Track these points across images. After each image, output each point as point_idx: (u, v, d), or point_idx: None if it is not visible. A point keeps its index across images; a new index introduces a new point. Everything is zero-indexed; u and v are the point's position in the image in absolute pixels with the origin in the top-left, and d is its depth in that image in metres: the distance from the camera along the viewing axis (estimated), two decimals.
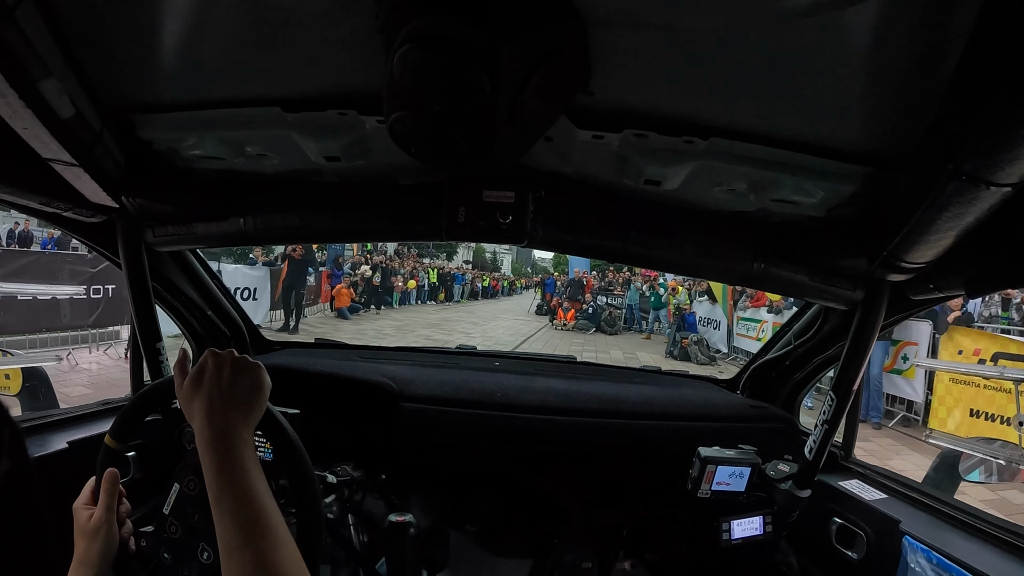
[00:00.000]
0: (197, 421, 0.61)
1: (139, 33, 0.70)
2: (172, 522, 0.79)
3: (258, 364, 0.66)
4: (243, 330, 1.56)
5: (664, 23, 0.60)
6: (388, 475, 1.19)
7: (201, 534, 0.77)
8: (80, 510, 0.71)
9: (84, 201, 0.95)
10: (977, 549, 0.95)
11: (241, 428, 0.61)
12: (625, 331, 12.99)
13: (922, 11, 0.54)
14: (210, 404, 0.61)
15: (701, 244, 0.99)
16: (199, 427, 0.60)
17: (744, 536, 1.19)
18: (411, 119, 0.63)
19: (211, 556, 0.76)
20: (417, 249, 20.42)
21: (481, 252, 42.16)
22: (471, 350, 1.92)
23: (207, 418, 0.60)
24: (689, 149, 0.81)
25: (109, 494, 0.71)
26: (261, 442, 1.02)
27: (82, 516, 0.71)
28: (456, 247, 33.97)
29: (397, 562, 0.94)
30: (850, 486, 1.20)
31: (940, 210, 0.65)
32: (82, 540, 0.69)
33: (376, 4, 0.61)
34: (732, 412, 1.30)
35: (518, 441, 1.17)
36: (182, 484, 0.80)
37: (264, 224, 1.05)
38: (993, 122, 0.52)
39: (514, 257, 49.98)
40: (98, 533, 0.69)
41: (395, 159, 0.91)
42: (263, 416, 0.69)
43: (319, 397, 1.18)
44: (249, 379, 0.65)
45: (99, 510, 0.70)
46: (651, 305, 12.05)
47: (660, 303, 11.62)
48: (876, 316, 0.98)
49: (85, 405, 1.23)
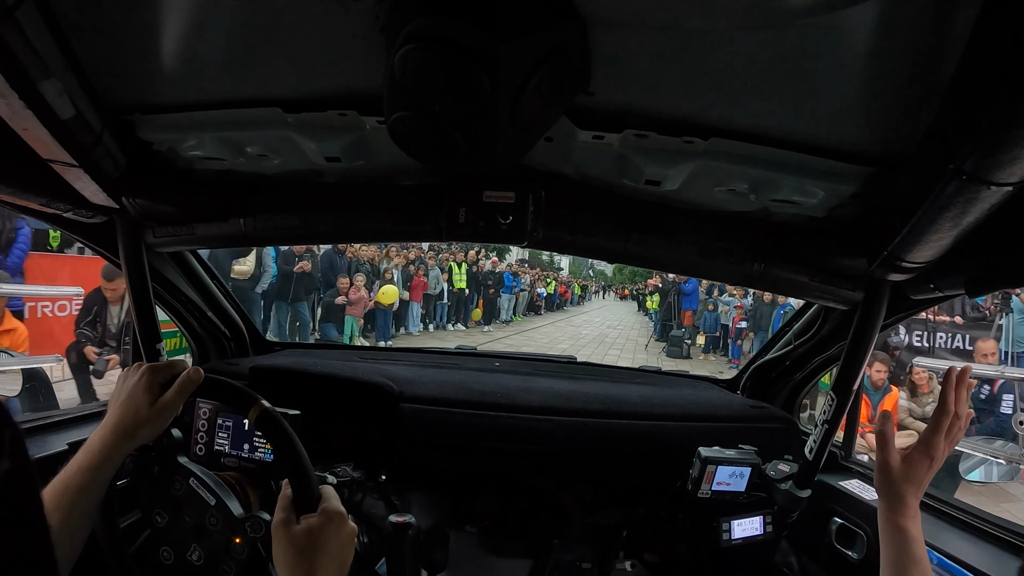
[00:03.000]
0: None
1: (139, 33, 0.70)
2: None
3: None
4: (243, 331, 1.56)
5: (665, 24, 0.60)
6: (388, 476, 1.19)
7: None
8: (139, 377, 0.70)
9: (84, 202, 0.95)
10: (977, 549, 0.95)
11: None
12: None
13: (922, 11, 0.54)
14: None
15: (701, 244, 0.99)
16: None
17: (744, 536, 1.19)
18: (411, 119, 0.63)
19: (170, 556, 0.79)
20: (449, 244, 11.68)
21: (537, 253, 29.90)
22: (471, 350, 1.92)
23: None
24: (689, 149, 0.81)
25: (184, 386, 0.70)
26: (261, 442, 1.02)
27: (142, 384, 0.69)
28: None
29: (397, 563, 0.94)
30: (850, 486, 1.21)
31: (940, 210, 0.65)
32: (134, 406, 0.68)
33: (376, 4, 0.61)
34: (732, 412, 1.30)
35: (518, 441, 1.17)
36: (151, 516, 0.81)
37: (264, 225, 1.05)
38: (993, 122, 0.52)
39: (572, 260, 43.02)
40: (160, 412, 0.69)
41: (395, 159, 0.91)
42: (263, 416, 0.69)
43: (319, 398, 1.18)
44: (349, 553, 0.65)
45: (174, 394, 0.70)
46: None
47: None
48: (876, 316, 0.98)
49: (85, 406, 1.23)
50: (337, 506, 0.66)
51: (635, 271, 45.92)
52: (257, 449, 1.02)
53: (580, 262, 45.63)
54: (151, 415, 0.69)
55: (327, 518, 0.64)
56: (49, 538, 0.27)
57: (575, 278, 32.49)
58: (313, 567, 0.61)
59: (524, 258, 16.16)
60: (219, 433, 1.05)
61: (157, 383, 0.71)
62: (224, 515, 0.78)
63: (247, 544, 0.76)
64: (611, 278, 53.78)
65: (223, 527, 0.78)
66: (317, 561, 0.61)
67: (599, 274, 50.54)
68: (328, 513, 0.65)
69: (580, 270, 44.92)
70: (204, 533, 0.79)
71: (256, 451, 1.02)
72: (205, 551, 0.78)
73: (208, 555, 0.78)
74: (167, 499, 0.81)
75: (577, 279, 33.16)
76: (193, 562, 0.78)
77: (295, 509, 0.65)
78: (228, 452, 1.04)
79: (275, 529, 0.64)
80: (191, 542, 0.79)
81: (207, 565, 0.78)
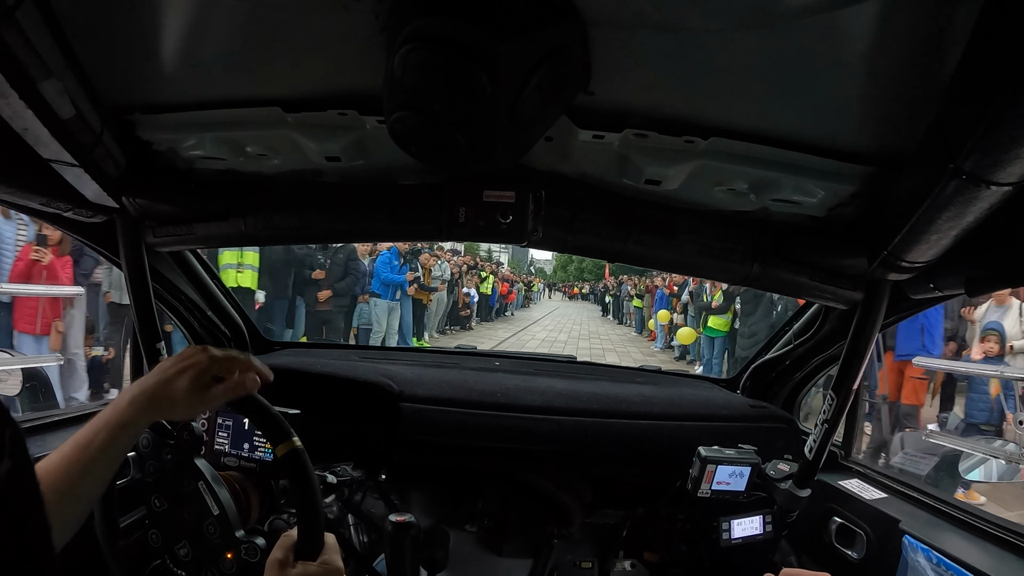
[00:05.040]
0: None
1: (140, 33, 0.70)
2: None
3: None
4: (243, 330, 1.56)
5: (665, 23, 0.60)
6: (388, 475, 1.19)
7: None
8: (195, 360, 0.65)
9: (84, 202, 0.95)
10: (977, 548, 0.95)
11: None
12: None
13: (922, 11, 0.54)
14: None
15: (701, 244, 0.99)
16: None
17: (744, 536, 1.19)
18: (411, 119, 0.63)
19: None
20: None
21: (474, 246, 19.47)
22: (471, 350, 1.93)
23: None
24: (690, 149, 0.81)
25: (235, 391, 0.66)
26: (261, 442, 1.02)
27: (195, 369, 0.64)
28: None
29: (397, 562, 0.94)
30: (850, 485, 1.21)
31: (940, 209, 0.65)
32: (175, 384, 0.63)
33: (376, 4, 0.61)
34: (732, 412, 1.30)
35: (518, 441, 1.17)
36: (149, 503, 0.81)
37: (264, 224, 1.05)
38: (993, 122, 0.52)
39: (511, 255, 37.45)
40: (196, 401, 0.64)
41: (395, 159, 0.91)
42: (293, 454, 0.67)
43: (319, 397, 1.18)
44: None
45: (220, 394, 0.65)
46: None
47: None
48: (876, 315, 0.98)
49: (85, 405, 1.23)
50: (337, 561, 0.64)
51: (582, 268, 43.18)
52: (257, 449, 1.02)
53: (520, 256, 40.33)
54: (187, 400, 0.64)
55: (325, 572, 0.62)
56: (49, 536, 0.27)
57: (516, 274, 25.20)
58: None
59: (457, 248, 11.66)
60: (219, 432, 1.05)
61: (211, 373, 0.66)
62: (223, 528, 0.78)
63: (237, 564, 0.76)
64: (551, 276, 49.39)
65: (219, 539, 0.78)
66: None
67: (538, 271, 46.10)
68: (327, 566, 0.63)
69: (520, 266, 39.08)
70: (199, 536, 0.79)
71: (256, 450, 1.02)
72: (195, 552, 0.78)
73: (196, 557, 0.78)
74: (172, 490, 0.81)
75: (519, 275, 26.60)
76: (180, 556, 0.78)
77: (295, 552, 0.63)
78: (228, 451, 1.04)
79: (269, 567, 0.62)
80: (183, 538, 0.79)
81: (192, 566, 0.78)
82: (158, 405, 0.64)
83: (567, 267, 45.67)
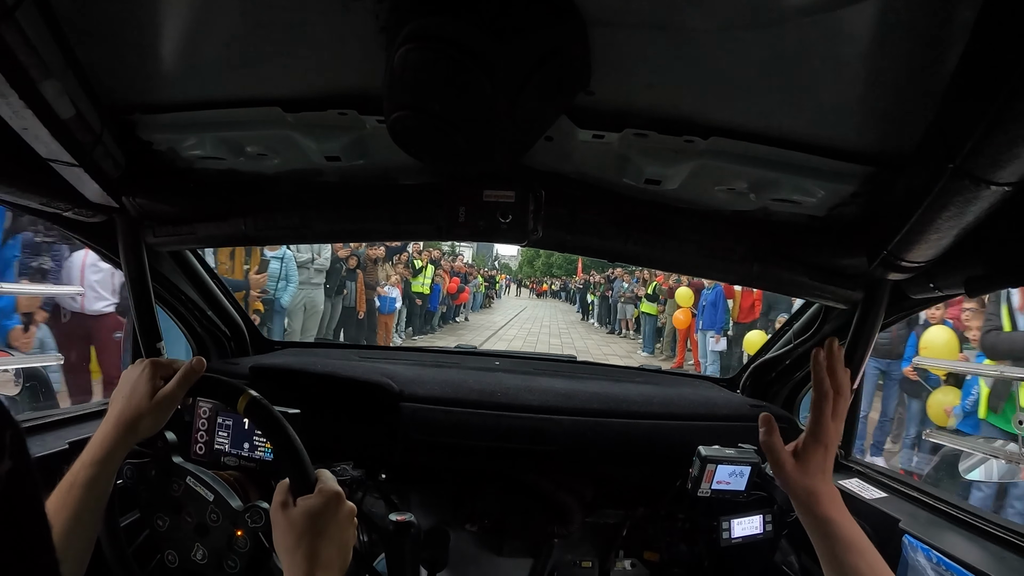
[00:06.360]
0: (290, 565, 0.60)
1: (139, 33, 0.70)
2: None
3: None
4: (243, 330, 1.56)
5: (665, 23, 0.60)
6: (388, 474, 1.19)
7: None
8: (142, 370, 0.71)
9: (84, 201, 0.95)
10: (977, 548, 0.95)
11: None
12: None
13: (922, 11, 0.54)
14: (320, 561, 0.60)
15: (701, 244, 0.99)
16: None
17: (744, 535, 1.19)
18: (411, 119, 0.63)
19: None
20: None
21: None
22: (471, 349, 1.93)
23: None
24: (689, 148, 0.81)
25: (187, 377, 0.71)
26: (261, 442, 1.02)
27: (143, 377, 0.70)
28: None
29: (397, 562, 0.94)
30: (850, 485, 1.20)
31: (940, 209, 0.65)
32: (135, 399, 0.69)
33: (376, 4, 0.61)
34: (732, 411, 1.30)
35: (519, 441, 1.17)
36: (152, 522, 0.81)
37: (264, 224, 1.05)
38: (993, 122, 0.52)
39: (475, 250, 33.81)
40: (161, 405, 0.69)
41: (395, 159, 0.91)
42: (251, 405, 0.70)
43: (319, 397, 1.18)
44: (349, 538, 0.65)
45: (174, 385, 0.70)
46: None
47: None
48: (876, 315, 0.98)
49: (85, 405, 1.24)
50: (334, 486, 0.66)
51: (551, 263, 39.97)
52: (257, 448, 1.02)
53: (484, 250, 36.93)
54: (152, 407, 0.69)
55: (324, 498, 0.64)
56: (50, 538, 0.27)
57: (477, 268, 21.47)
58: (314, 548, 0.60)
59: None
60: (219, 432, 1.05)
61: (159, 377, 0.71)
62: (224, 509, 0.79)
63: (249, 536, 0.77)
64: (516, 271, 46.32)
65: (224, 522, 0.78)
66: (317, 542, 0.60)
67: (503, 267, 42.64)
68: (325, 493, 0.64)
69: (485, 261, 35.02)
70: (206, 531, 0.79)
71: (256, 450, 1.02)
72: (208, 549, 0.78)
73: (211, 552, 0.78)
74: (167, 501, 0.81)
75: (482, 269, 23.49)
76: (197, 561, 0.78)
77: (292, 492, 0.65)
78: (228, 451, 1.04)
79: (273, 514, 0.64)
80: (194, 542, 0.79)
81: (211, 562, 0.78)
82: (131, 427, 0.69)
83: (534, 262, 42.59)
